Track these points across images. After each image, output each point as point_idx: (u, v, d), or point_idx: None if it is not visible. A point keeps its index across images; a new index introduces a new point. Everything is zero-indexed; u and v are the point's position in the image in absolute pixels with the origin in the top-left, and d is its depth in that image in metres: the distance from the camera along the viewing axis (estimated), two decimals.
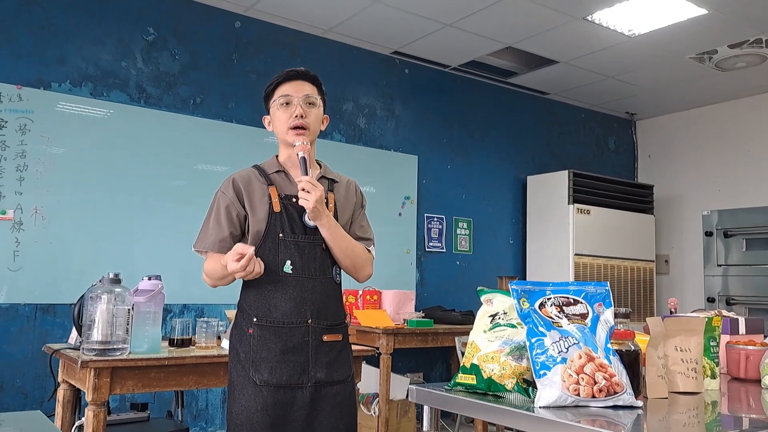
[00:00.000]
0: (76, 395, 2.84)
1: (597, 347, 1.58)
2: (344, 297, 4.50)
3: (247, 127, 4.61)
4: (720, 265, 5.48)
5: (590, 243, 5.73)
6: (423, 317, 4.56)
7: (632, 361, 1.66)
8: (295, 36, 4.92)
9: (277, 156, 2.19)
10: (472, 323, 5.27)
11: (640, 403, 1.54)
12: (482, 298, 1.81)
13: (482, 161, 5.90)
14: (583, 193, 5.79)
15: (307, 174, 2.00)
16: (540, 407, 1.49)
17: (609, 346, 1.60)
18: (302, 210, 2.03)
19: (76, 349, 2.66)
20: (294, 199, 2.05)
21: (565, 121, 6.61)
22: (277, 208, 2.05)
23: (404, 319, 4.48)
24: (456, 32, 4.90)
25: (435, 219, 5.51)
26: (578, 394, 1.50)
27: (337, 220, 2.11)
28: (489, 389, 1.64)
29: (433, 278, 5.43)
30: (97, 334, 2.45)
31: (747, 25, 4.66)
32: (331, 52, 5.08)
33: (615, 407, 1.51)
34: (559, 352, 1.55)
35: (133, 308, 2.54)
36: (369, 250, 2.20)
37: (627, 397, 1.53)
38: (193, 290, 4.25)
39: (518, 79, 5.97)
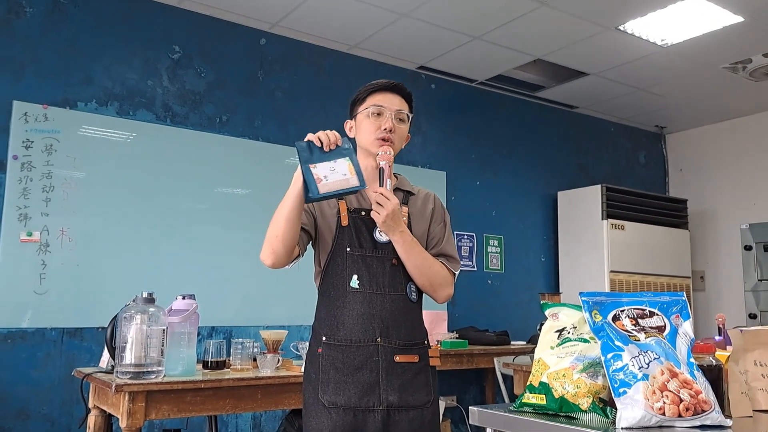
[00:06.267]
0: (107, 421, 2.73)
1: (679, 362, 1.45)
2: None
3: (273, 145, 4.54)
4: (761, 280, 5.30)
5: (625, 259, 5.55)
6: (456, 338, 4.43)
7: (715, 378, 1.53)
8: (320, 52, 4.86)
9: None
10: (508, 344, 5.09)
11: (729, 422, 1.41)
12: (547, 312, 1.69)
13: (511, 177, 5.78)
14: (616, 208, 5.62)
15: (382, 185, 1.93)
16: (622, 428, 1.37)
17: (692, 360, 1.48)
18: (373, 223, 1.95)
19: (109, 372, 2.57)
20: (363, 213, 1.99)
21: (594, 135, 6.48)
22: (345, 222, 1.98)
23: (437, 340, 4.34)
24: (483, 45, 4.82)
25: (465, 237, 5.38)
26: (663, 414, 1.37)
27: None
28: (561, 409, 1.51)
29: (464, 298, 5.28)
30: (130, 357, 2.35)
31: None
32: (356, 67, 5.01)
33: (702, 427, 1.38)
34: (640, 368, 1.42)
35: (167, 329, 2.45)
36: (449, 269, 2.06)
37: (716, 416, 1.39)
38: (221, 312, 4.15)
39: (545, 93, 5.86)
